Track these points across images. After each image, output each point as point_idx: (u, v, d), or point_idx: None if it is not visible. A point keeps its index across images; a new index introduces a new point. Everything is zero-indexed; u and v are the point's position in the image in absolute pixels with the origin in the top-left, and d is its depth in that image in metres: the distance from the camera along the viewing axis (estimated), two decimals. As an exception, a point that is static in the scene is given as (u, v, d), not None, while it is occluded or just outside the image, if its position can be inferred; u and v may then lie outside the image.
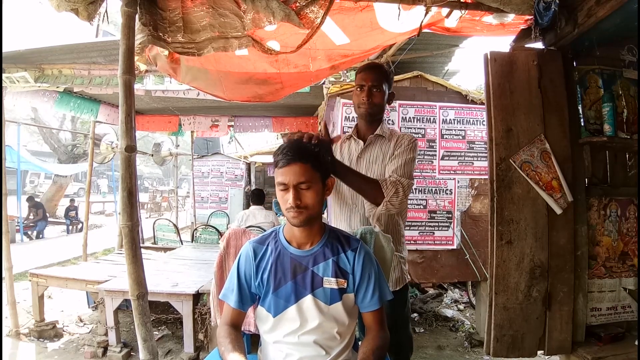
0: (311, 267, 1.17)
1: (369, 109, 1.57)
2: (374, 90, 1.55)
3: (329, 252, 1.19)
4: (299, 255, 1.19)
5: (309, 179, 1.10)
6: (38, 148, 18.74)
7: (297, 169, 1.09)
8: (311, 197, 1.11)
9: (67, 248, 7.22)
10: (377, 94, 1.56)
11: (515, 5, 1.64)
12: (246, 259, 1.21)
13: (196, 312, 2.77)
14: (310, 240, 1.20)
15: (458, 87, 3.31)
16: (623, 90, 1.79)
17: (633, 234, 1.80)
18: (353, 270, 1.18)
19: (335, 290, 1.16)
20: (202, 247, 4.63)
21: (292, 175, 1.09)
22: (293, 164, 1.10)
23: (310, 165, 1.11)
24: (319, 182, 1.13)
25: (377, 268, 1.23)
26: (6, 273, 3.10)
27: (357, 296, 1.19)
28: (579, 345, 1.69)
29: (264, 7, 1.44)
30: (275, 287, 1.16)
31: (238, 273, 1.21)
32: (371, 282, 1.18)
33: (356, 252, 1.19)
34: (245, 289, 1.20)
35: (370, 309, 1.19)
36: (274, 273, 1.17)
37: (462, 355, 3.02)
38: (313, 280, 1.16)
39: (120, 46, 1.42)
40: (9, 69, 3.17)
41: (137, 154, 1.51)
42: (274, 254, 1.20)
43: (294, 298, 1.15)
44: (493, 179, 1.69)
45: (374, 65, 1.67)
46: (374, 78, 1.56)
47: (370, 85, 1.55)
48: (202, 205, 8.69)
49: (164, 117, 5.31)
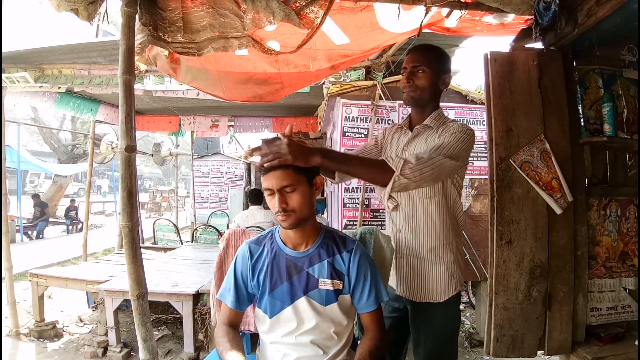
0: (306, 268, 1.17)
1: (410, 93, 1.42)
2: (417, 72, 1.40)
3: (324, 254, 1.19)
4: (294, 256, 1.19)
5: (292, 182, 1.09)
6: (38, 148, 18.73)
7: (279, 174, 1.09)
8: (297, 200, 1.11)
9: (67, 248, 7.23)
10: (421, 76, 1.40)
11: (515, 5, 1.64)
12: (243, 259, 1.22)
13: (196, 312, 2.77)
14: (305, 241, 1.20)
15: (458, 87, 3.31)
16: (623, 90, 1.79)
17: (633, 234, 1.80)
18: (348, 271, 1.18)
19: (331, 291, 1.16)
20: (202, 247, 4.63)
21: (275, 180, 1.09)
22: (274, 170, 1.09)
23: (292, 169, 1.09)
24: (305, 183, 1.12)
25: (374, 269, 1.22)
26: (6, 273, 3.10)
27: (354, 297, 1.20)
28: (579, 345, 1.69)
29: (264, 7, 1.44)
30: (271, 288, 1.17)
31: (235, 273, 1.21)
32: (367, 283, 1.18)
33: (351, 253, 1.20)
34: (242, 289, 1.21)
35: (367, 309, 1.19)
36: (269, 274, 1.18)
37: (462, 355, 3.01)
38: (308, 282, 1.16)
39: (120, 46, 1.42)
40: (9, 69, 3.17)
41: (137, 154, 1.51)
42: (270, 254, 1.20)
43: (290, 299, 1.16)
44: (493, 179, 1.69)
45: (417, 46, 1.48)
46: (416, 59, 1.41)
47: (411, 67, 1.40)
48: (202, 205, 8.69)
49: (164, 117, 5.31)
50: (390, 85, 3.20)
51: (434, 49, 1.46)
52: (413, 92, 1.42)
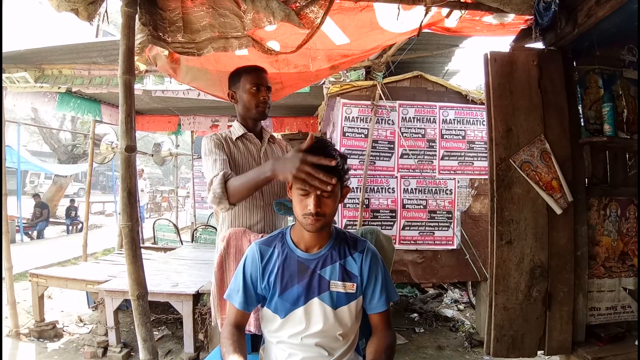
0: (318, 270, 1.16)
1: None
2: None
3: (336, 255, 1.18)
4: (306, 258, 1.18)
5: (333, 188, 1.06)
6: (38, 148, 18.73)
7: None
8: (331, 206, 1.09)
9: (67, 248, 7.22)
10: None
11: (515, 5, 1.64)
12: (252, 260, 1.20)
13: (196, 312, 2.77)
14: (319, 243, 1.19)
15: (458, 87, 3.32)
16: (623, 90, 1.79)
17: (633, 234, 1.80)
18: (360, 272, 1.17)
19: (342, 293, 1.15)
20: (202, 247, 4.63)
21: (317, 182, 1.05)
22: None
23: (337, 175, 1.07)
24: (339, 190, 1.12)
25: (384, 269, 1.22)
26: (6, 273, 3.10)
27: (365, 298, 1.19)
28: (579, 345, 1.69)
29: (264, 7, 1.44)
30: (281, 290, 1.15)
31: (244, 274, 1.20)
32: (378, 283, 1.18)
33: (363, 254, 1.19)
34: (250, 290, 1.19)
35: (378, 310, 1.19)
36: (280, 276, 1.16)
37: (462, 355, 3.02)
38: (320, 284, 1.15)
39: (120, 46, 1.42)
40: (9, 69, 3.17)
41: (137, 154, 1.51)
42: (280, 256, 1.18)
43: (301, 301, 1.14)
44: (493, 179, 1.69)
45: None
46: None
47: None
48: (202, 205, 8.68)
49: (163, 117, 5.31)
50: (390, 85, 3.21)
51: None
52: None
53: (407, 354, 2.98)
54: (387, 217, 3.23)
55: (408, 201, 3.25)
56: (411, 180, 3.25)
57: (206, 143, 1.52)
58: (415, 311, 3.89)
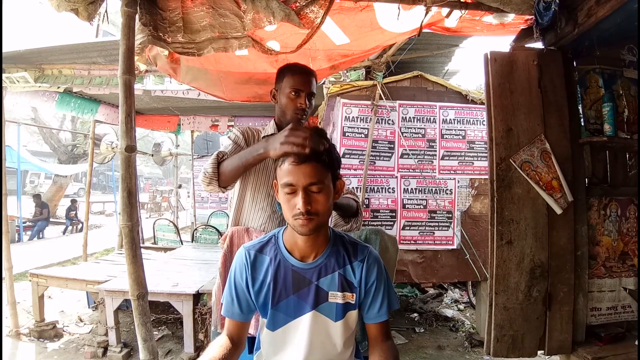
0: (315, 280, 1.05)
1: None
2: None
3: (335, 264, 1.06)
4: (301, 268, 1.06)
5: (321, 180, 0.96)
6: (38, 148, 18.72)
7: (309, 168, 0.95)
8: (323, 202, 0.97)
9: (67, 248, 7.22)
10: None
11: (515, 5, 1.64)
12: (240, 269, 1.08)
13: (196, 312, 2.77)
14: (315, 250, 1.07)
15: (458, 87, 3.32)
16: (623, 90, 1.79)
17: (633, 234, 1.80)
18: (360, 282, 1.07)
19: (341, 305, 1.05)
20: (202, 247, 4.63)
21: (303, 174, 0.95)
22: (304, 163, 0.96)
23: (322, 163, 0.96)
24: (330, 183, 1.00)
25: (386, 276, 1.11)
26: (6, 273, 3.10)
27: (363, 308, 1.09)
28: (579, 345, 1.69)
29: (264, 7, 1.44)
30: (274, 302, 1.05)
31: (235, 285, 1.09)
32: (379, 293, 1.08)
33: (363, 263, 1.08)
34: (242, 300, 1.08)
35: (378, 320, 1.08)
36: (273, 286, 1.05)
37: (462, 355, 3.02)
38: (318, 295, 1.04)
39: (120, 46, 1.42)
40: (9, 69, 3.17)
41: (137, 154, 1.51)
42: (273, 264, 1.06)
43: (296, 313, 1.05)
44: (493, 179, 1.69)
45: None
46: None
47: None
48: (202, 205, 8.68)
49: (163, 117, 5.32)
50: (390, 85, 3.21)
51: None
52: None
53: (407, 354, 2.98)
54: (387, 217, 3.23)
55: (408, 201, 3.25)
56: (411, 180, 3.26)
57: (235, 130, 1.52)
58: (415, 311, 3.89)
